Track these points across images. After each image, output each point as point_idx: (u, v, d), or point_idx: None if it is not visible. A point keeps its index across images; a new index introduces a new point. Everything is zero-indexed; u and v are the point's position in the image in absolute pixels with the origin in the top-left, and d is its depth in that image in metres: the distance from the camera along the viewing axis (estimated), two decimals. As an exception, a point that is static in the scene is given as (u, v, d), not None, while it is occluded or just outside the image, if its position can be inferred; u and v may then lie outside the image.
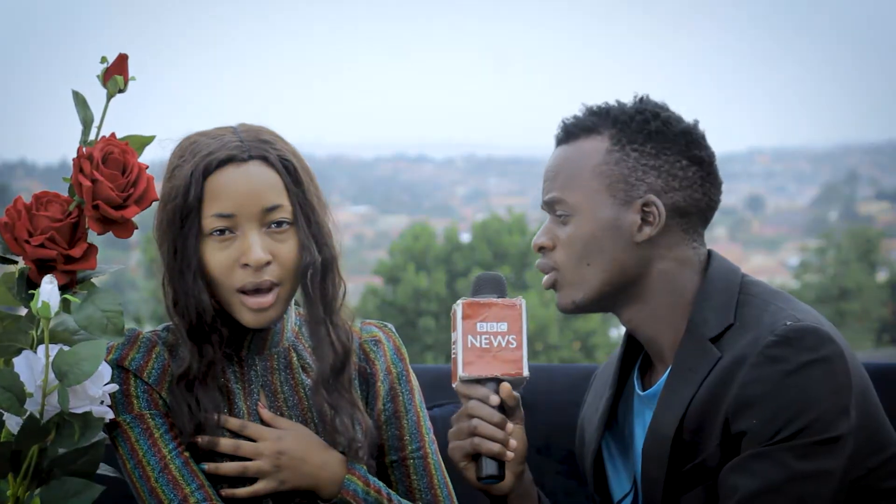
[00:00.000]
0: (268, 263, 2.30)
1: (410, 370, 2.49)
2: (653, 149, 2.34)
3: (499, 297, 2.23)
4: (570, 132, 2.39)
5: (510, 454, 2.21)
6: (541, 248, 2.37)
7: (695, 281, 2.35)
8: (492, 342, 2.20)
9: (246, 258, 2.29)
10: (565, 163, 2.37)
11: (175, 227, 2.30)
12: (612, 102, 2.40)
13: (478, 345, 2.20)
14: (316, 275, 2.33)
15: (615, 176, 2.33)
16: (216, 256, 2.30)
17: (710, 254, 2.39)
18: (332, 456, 2.34)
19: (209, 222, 2.29)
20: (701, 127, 2.39)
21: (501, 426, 2.21)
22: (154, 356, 2.33)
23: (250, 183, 2.31)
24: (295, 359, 2.41)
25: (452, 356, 2.23)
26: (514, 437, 2.23)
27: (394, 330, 2.52)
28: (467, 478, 2.24)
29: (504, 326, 2.20)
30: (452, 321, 2.23)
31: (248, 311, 2.31)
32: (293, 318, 2.43)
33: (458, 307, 2.21)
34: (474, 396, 2.22)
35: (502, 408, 2.23)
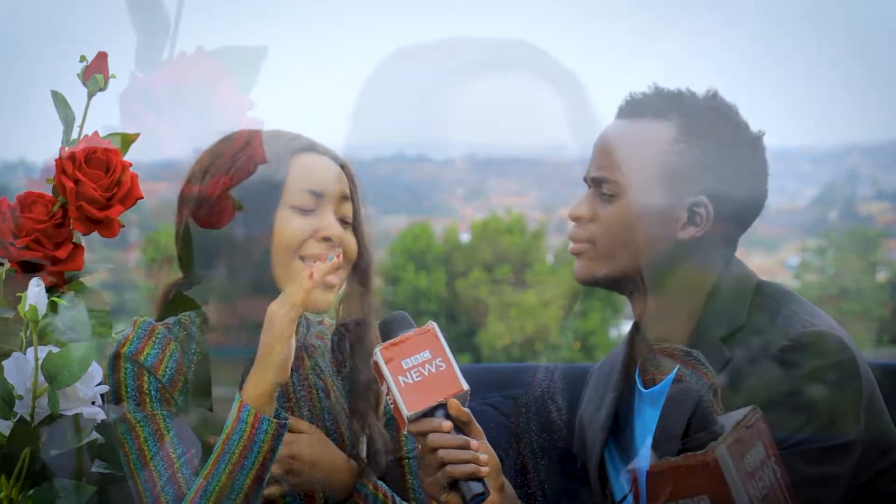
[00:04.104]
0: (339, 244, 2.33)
1: None
2: (717, 151, 2.29)
3: (410, 331, 2.21)
4: (636, 109, 2.34)
5: (485, 469, 2.17)
6: (577, 218, 2.34)
7: (711, 282, 2.33)
8: (422, 373, 2.18)
9: (328, 231, 2.31)
10: (625, 140, 2.32)
11: (262, 201, 2.29)
12: (684, 89, 2.34)
13: (410, 381, 2.18)
14: (371, 276, 2.41)
15: (674, 168, 2.29)
16: (295, 222, 2.30)
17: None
18: (342, 460, 2.34)
19: (298, 196, 2.30)
20: (764, 140, 2.34)
21: (466, 447, 2.17)
22: (168, 354, 2.31)
23: (334, 169, 2.35)
24: (307, 361, 2.39)
25: (391, 405, 2.20)
26: (481, 450, 2.19)
27: None
28: None
29: (427, 353, 2.19)
30: (377, 373, 2.20)
31: None
32: (315, 324, 2.42)
33: (377, 356, 2.19)
34: (429, 430, 2.17)
35: (458, 429, 2.19)
